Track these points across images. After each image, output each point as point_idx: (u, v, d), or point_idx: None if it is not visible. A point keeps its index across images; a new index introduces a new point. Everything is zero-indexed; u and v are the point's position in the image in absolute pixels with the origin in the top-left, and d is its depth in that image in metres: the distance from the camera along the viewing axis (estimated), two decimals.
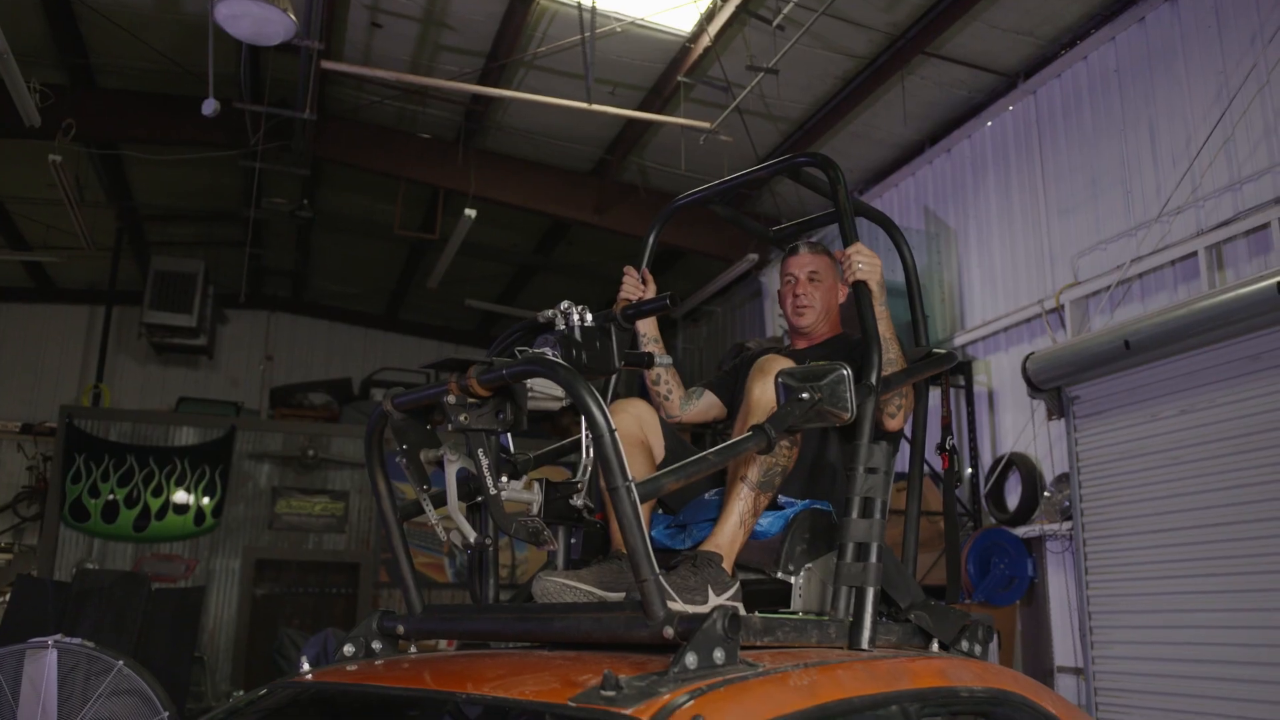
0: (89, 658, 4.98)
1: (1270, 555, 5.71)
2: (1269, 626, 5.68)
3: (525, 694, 1.66)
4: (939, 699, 1.99)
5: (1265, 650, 5.68)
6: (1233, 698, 5.81)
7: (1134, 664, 6.29)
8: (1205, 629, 6.02)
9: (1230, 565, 5.94)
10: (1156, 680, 6.12)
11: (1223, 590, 5.97)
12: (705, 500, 2.48)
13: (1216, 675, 5.92)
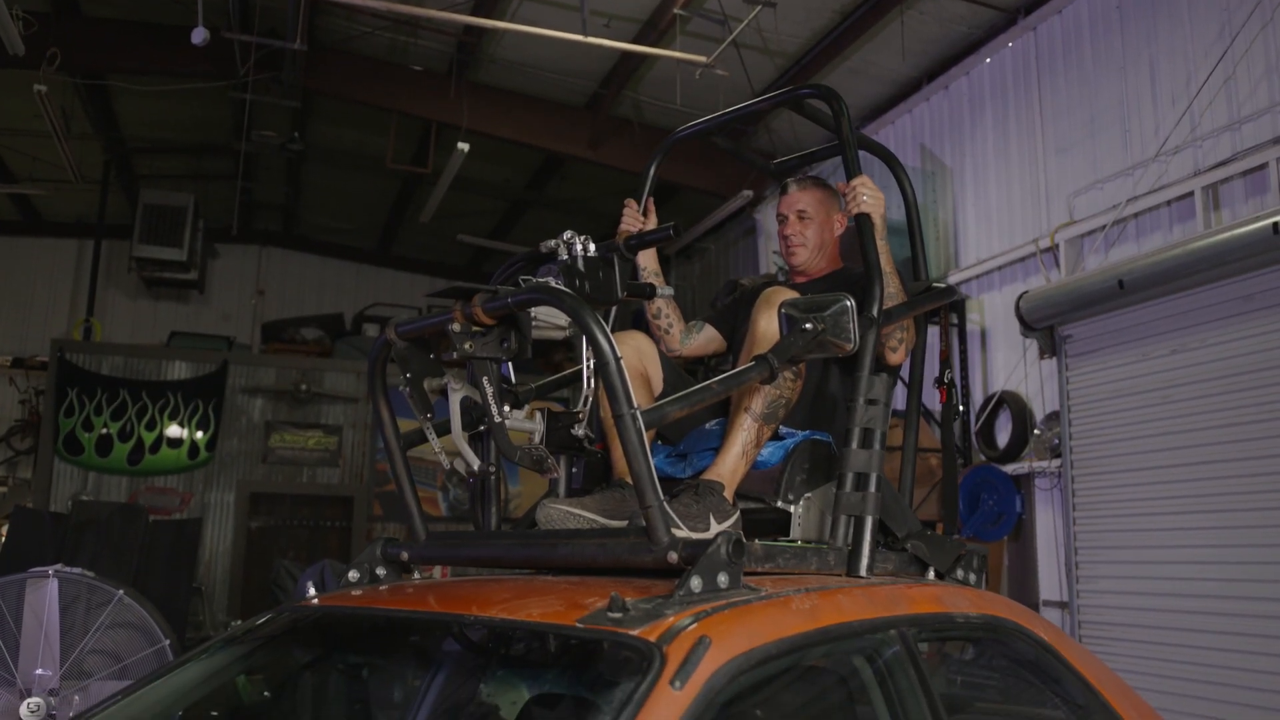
0: (89, 587, 5.02)
1: (1256, 493, 5.79)
2: (1251, 562, 5.78)
3: (533, 616, 1.69)
4: (936, 624, 2.04)
5: (1246, 585, 5.79)
6: (1213, 630, 5.94)
7: (1118, 598, 6.41)
8: (1189, 564, 6.12)
9: (1216, 503, 6.03)
10: (1139, 614, 6.24)
11: (1207, 527, 6.06)
12: (706, 430, 2.50)
13: (1198, 609, 6.04)
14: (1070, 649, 2.39)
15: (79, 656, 4.92)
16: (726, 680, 1.48)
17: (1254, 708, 5.40)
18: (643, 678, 1.42)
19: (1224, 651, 5.84)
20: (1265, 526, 5.72)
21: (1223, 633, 5.88)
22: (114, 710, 2.05)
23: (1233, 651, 5.80)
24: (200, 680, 2.16)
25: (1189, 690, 5.68)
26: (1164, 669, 5.90)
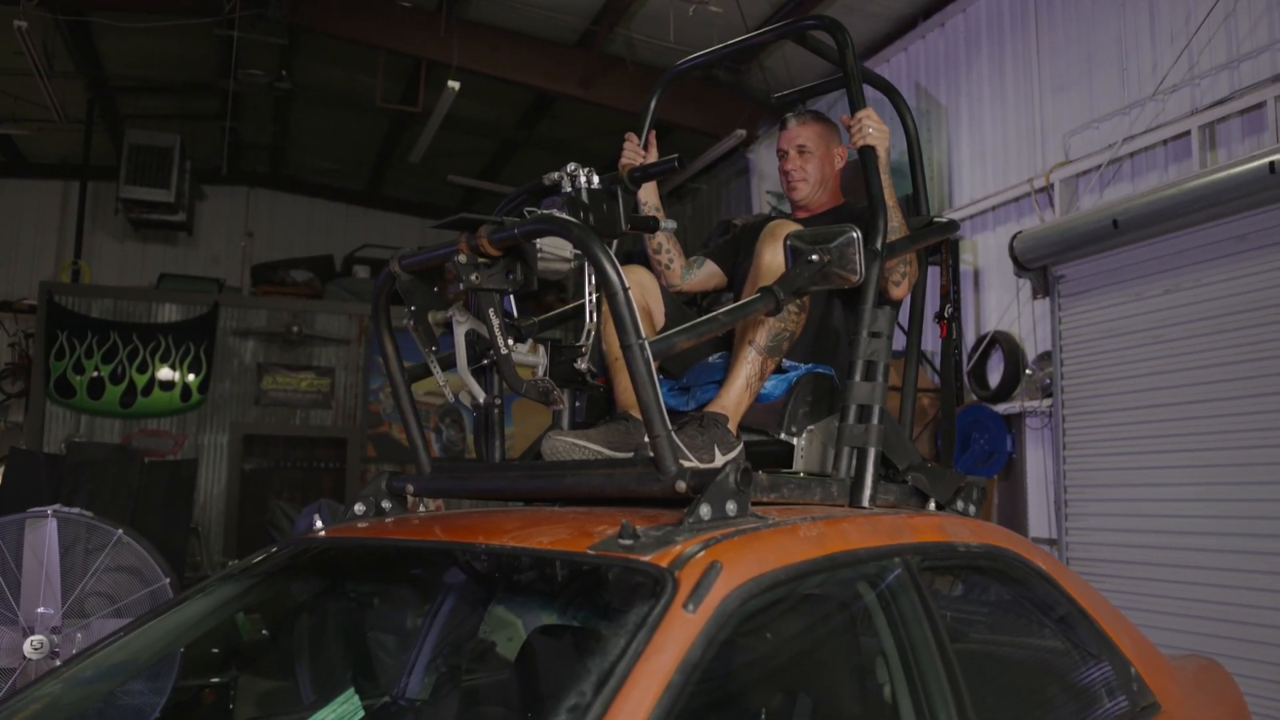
0: (88, 527, 5.04)
1: (1245, 431, 5.85)
2: (1238, 499, 5.85)
3: (544, 544, 1.70)
4: (938, 552, 2.07)
5: (1232, 521, 5.87)
6: (1198, 566, 6.03)
7: (1106, 535, 6.50)
8: (1176, 502, 6.20)
9: (1205, 441, 6.09)
10: (1126, 550, 6.34)
11: (1195, 465, 6.13)
12: (709, 363, 2.52)
13: (1184, 545, 6.13)
14: (1066, 577, 2.43)
15: (80, 595, 4.95)
16: (738, 604, 1.51)
17: (1237, 640, 5.52)
18: (656, 601, 1.44)
19: (1208, 586, 5.94)
20: (1253, 464, 5.79)
21: (1207, 568, 5.98)
22: (123, 643, 2.06)
23: (1217, 586, 5.90)
24: (211, 612, 2.18)
25: (1174, 624, 5.78)
26: (1150, 603, 6.00)
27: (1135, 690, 2.39)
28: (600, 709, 1.28)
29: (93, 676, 2.02)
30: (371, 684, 2.79)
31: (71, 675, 1.98)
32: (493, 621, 2.33)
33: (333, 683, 2.70)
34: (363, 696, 2.65)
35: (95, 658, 2.00)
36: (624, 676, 1.32)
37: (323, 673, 2.85)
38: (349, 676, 2.89)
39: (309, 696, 2.63)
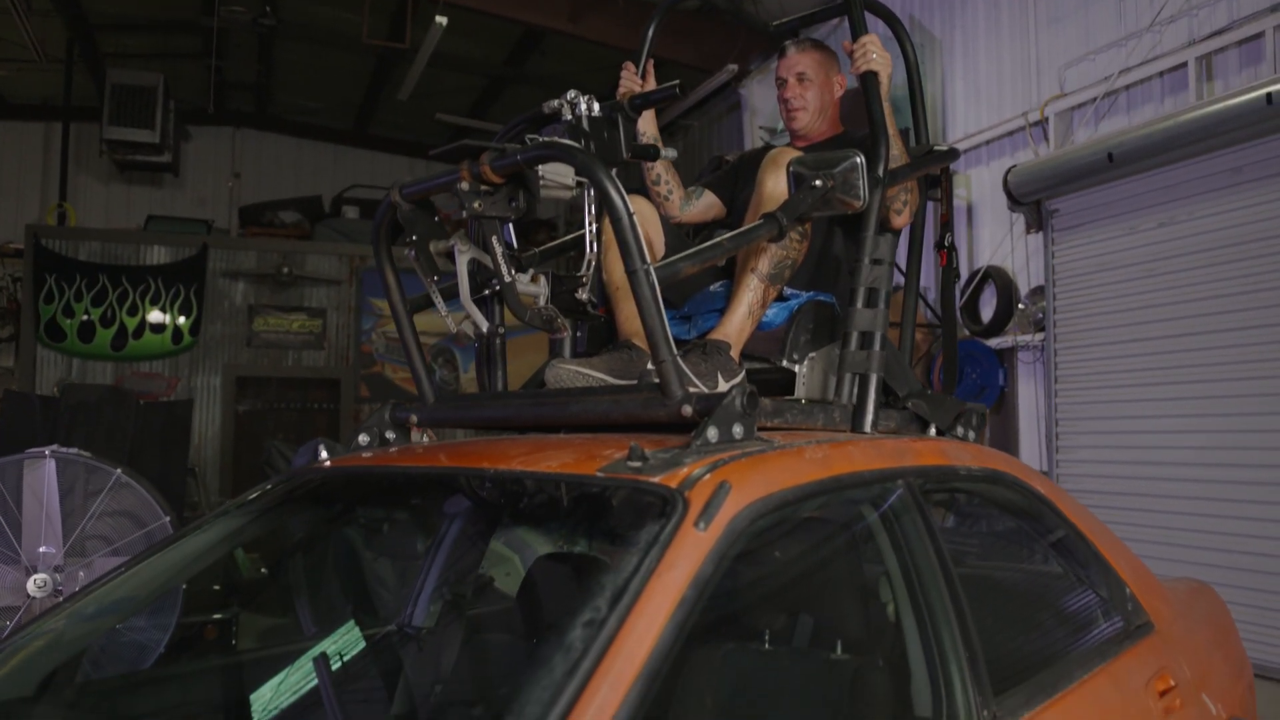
0: (87, 467, 5.05)
1: (1236, 364, 5.89)
2: (1227, 430, 5.92)
3: (552, 467, 1.72)
4: (940, 475, 2.09)
5: (1222, 453, 5.94)
6: (1187, 497, 6.12)
7: (1096, 467, 6.57)
8: (1166, 434, 6.27)
9: (1196, 374, 6.14)
10: (1117, 481, 6.41)
11: (1186, 398, 6.19)
12: (710, 292, 2.52)
13: (1174, 476, 6.21)
14: (1064, 501, 2.46)
15: (81, 534, 4.98)
16: (747, 523, 1.52)
17: (1225, 568, 5.61)
18: (667, 521, 1.46)
19: (1198, 515, 6.03)
20: (1243, 396, 5.85)
21: (1197, 498, 6.06)
22: (125, 578, 2.07)
23: (1206, 515, 5.99)
24: (217, 544, 2.19)
25: (1164, 553, 5.86)
26: (1141, 533, 6.08)
27: (1130, 610, 2.44)
28: (615, 623, 1.30)
29: (95, 612, 2.03)
30: (372, 617, 2.83)
31: (74, 611, 1.99)
32: (500, 546, 2.35)
33: (335, 615, 2.73)
34: (366, 628, 2.69)
35: (98, 593, 2.01)
36: (638, 592, 1.34)
37: (325, 606, 2.88)
38: (350, 609, 2.93)
39: (310, 630, 2.66)
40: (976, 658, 1.82)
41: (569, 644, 1.28)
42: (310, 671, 2.17)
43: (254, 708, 2.03)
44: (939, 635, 1.80)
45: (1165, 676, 2.33)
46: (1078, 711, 2.01)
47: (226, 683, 2.28)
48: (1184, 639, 2.55)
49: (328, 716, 2.01)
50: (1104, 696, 2.12)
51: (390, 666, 2.40)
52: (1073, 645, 2.25)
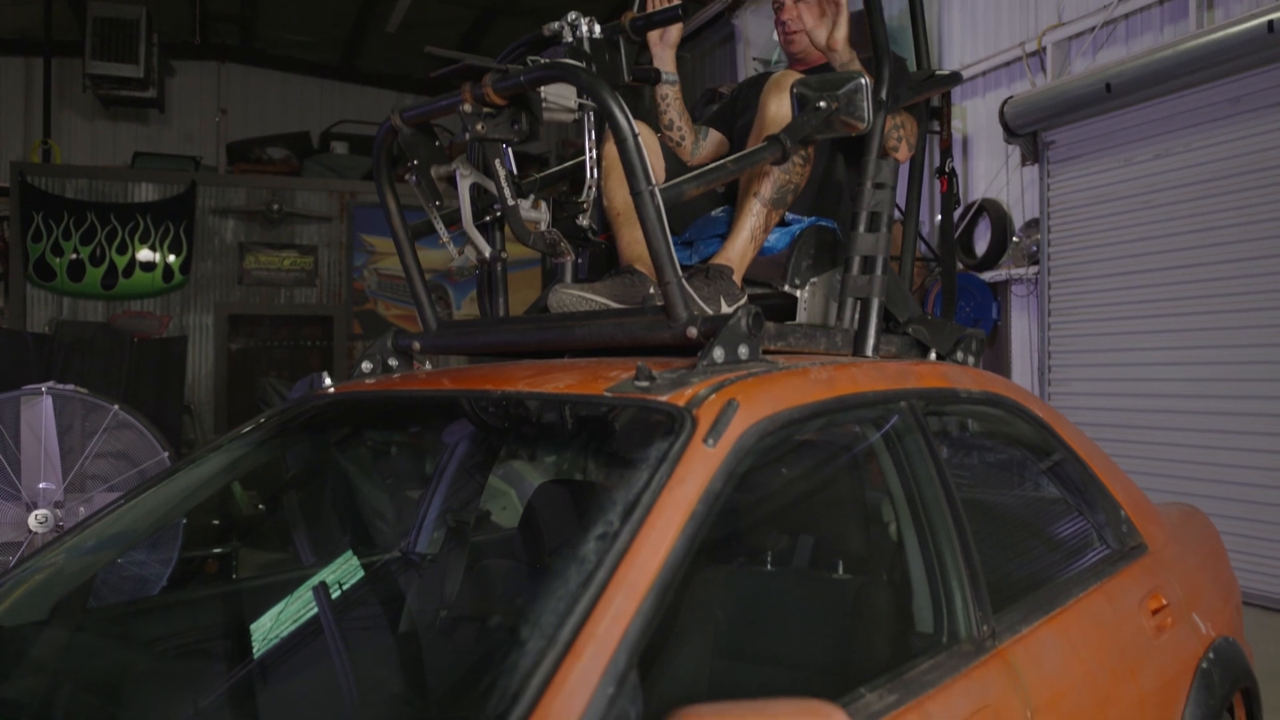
0: (84, 403, 5.05)
1: (1228, 295, 5.92)
2: (1219, 362, 5.96)
3: (559, 388, 1.72)
4: (942, 397, 2.11)
5: (1212, 384, 5.99)
6: (1178, 428, 6.18)
7: (1088, 399, 6.63)
8: (1158, 365, 6.31)
9: (1189, 306, 6.17)
10: (1108, 414, 6.47)
11: (1179, 329, 6.22)
12: (712, 217, 2.51)
13: (1165, 408, 6.27)
14: (1062, 424, 2.49)
15: (80, 470, 4.99)
16: (754, 440, 1.54)
17: (1214, 497, 5.69)
18: (676, 438, 1.47)
19: (1188, 447, 6.10)
20: (1234, 328, 5.88)
21: (1186, 429, 6.13)
22: (123, 511, 2.07)
23: (1196, 446, 6.06)
24: (220, 473, 2.19)
25: (1154, 484, 5.94)
26: (1132, 464, 6.15)
27: (1124, 532, 2.48)
28: (628, 536, 1.32)
29: (97, 544, 2.04)
30: (373, 548, 2.86)
31: (76, 544, 2.00)
32: (509, 466, 2.37)
33: (335, 547, 2.75)
34: (368, 558, 2.72)
35: (99, 525, 2.02)
36: (649, 506, 1.36)
37: (324, 539, 2.90)
38: (350, 541, 2.96)
39: (309, 560, 2.69)
40: (976, 575, 1.85)
41: (582, 556, 1.30)
42: (316, 597, 2.20)
43: (260, 632, 2.05)
44: (940, 552, 1.83)
45: (1158, 596, 2.38)
46: (1074, 627, 2.05)
47: (233, 608, 2.31)
48: (1176, 561, 2.60)
49: (334, 640, 2.04)
50: (1099, 613, 2.16)
51: (396, 592, 2.43)
52: (1069, 565, 2.29)
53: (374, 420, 2.33)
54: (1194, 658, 2.40)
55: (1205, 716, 2.33)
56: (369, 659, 2.02)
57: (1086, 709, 1.95)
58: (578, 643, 1.20)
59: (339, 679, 1.84)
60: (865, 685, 1.55)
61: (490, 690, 1.16)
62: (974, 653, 1.76)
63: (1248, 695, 2.71)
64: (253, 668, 1.84)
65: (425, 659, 2.05)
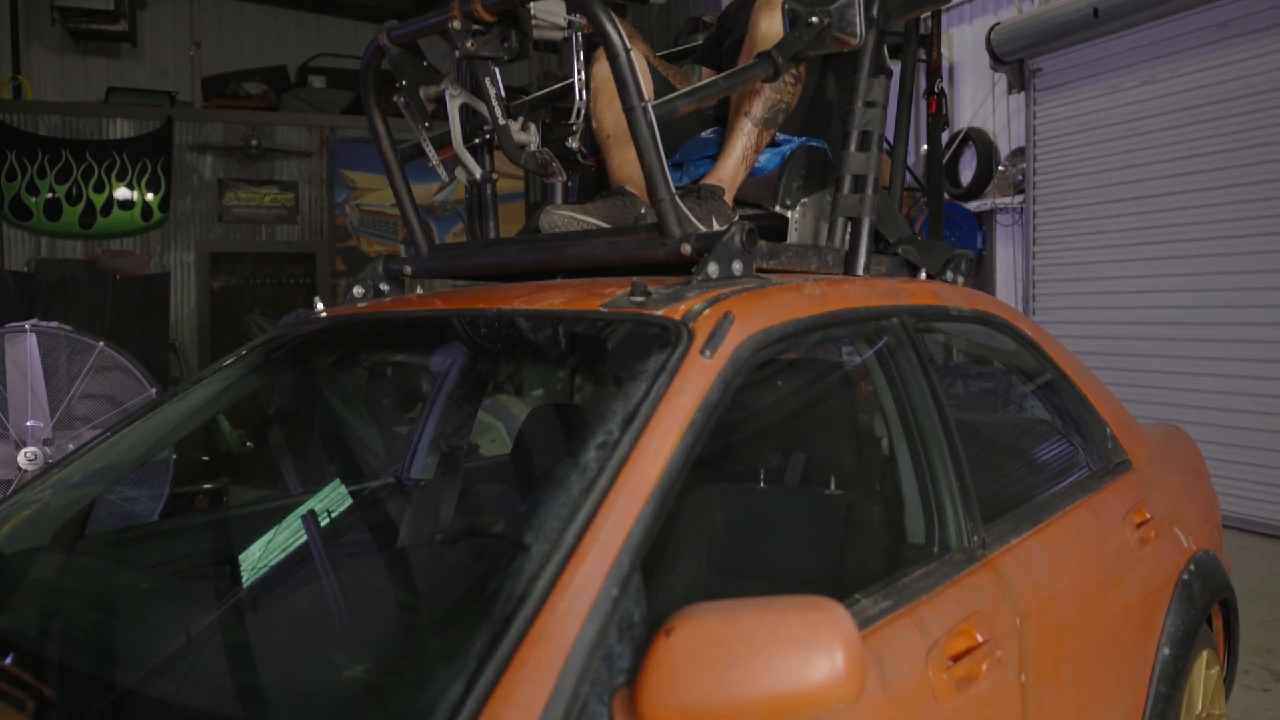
0: (68, 340, 5.01)
1: (1214, 223, 5.94)
2: (1201, 290, 6.01)
3: (555, 305, 1.73)
4: (933, 314, 2.12)
5: (1195, 311, 6.05)
6: (1161, 355, 6.24)
7: (1073, 328, 6.68)
8: (1143, 294, 6.36)
9: (1173, 234, 6.19)
10: (1093, 342, 6.53)
11: (1162, 258, 6.26)
12: (702, 138, 2.50)
13: (1148, 336, 6.33)
14: (1050, 343, 2.52)
15: (68, 407, 4.98)
16: (750, 353, 1.55)
17: (1193, 424, 5.78)
18: (674, 350, 1.48)
19: (1169, 374, 6.17)
20: (1218, 255, 5.92)
21: (1169, 356, 6.20)
22: (118, 439, 2.07)
23: (1177, 374, 6.13)
24: (212, 400, 2.19)
25: (1136, 411, 6.03)
26: (1114, 392, 6.25)
27: (1110, 449, 2.52)
28: (628, 444, 1.33)
29: (86, 477, 2.05)
30: (363, 475, 2.87)
31: (68, 474, 2.00)
32: (505, 383, 2.38)
33: (325, 479, 2.76)
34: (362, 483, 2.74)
35: (87, 457, 2.02)
36: (649, 415, 1.37)
37: (314, 472, 2.92)
38: (339, 472, 2.97)
39: (302, 489, 2.70)
40: (967, 487, 1.88)
41: (584, 464, 1.31)
42: (314, 520, 2.22)
43: (262, 553, 2.07)
44: (932, 465, 1.86)
45: (1141, 510, 2.43)
46: (1061, 539, 2.09)
47: (233, 531, 2.32)
48: (1159, 477, 2.65)
49: (335, 560, 2.07)
50: (1085, 526, 2.21)
51: (392, 516, 2.45)
52: (1056, 480, 2.33)
53: (367, 343, 2.33)
54: (1175, 569, 2.46)
55: (1186, 625, 2.39)
56: (371, 575, 2.05)
57: (1073, 616, 2.00)
58: (581, 546, 1.22)
59: (342, 595, 1.87)
60: (860, 592, 1.59)
61: (497, 593, 1.18)
62: (965, 562, 1.79)
63: (1226, 606, 2.78)
64: (256, 586, 1.87)
65: (428, 573, 2.08)
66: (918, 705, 1.55)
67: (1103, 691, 2.10)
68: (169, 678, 1.37)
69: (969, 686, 1.65)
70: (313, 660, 1.53)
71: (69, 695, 1.30)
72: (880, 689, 1.47)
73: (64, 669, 1.39)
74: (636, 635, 1.20)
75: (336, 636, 1.65)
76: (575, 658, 1.14)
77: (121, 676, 1.36)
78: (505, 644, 1.12)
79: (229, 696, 1.33)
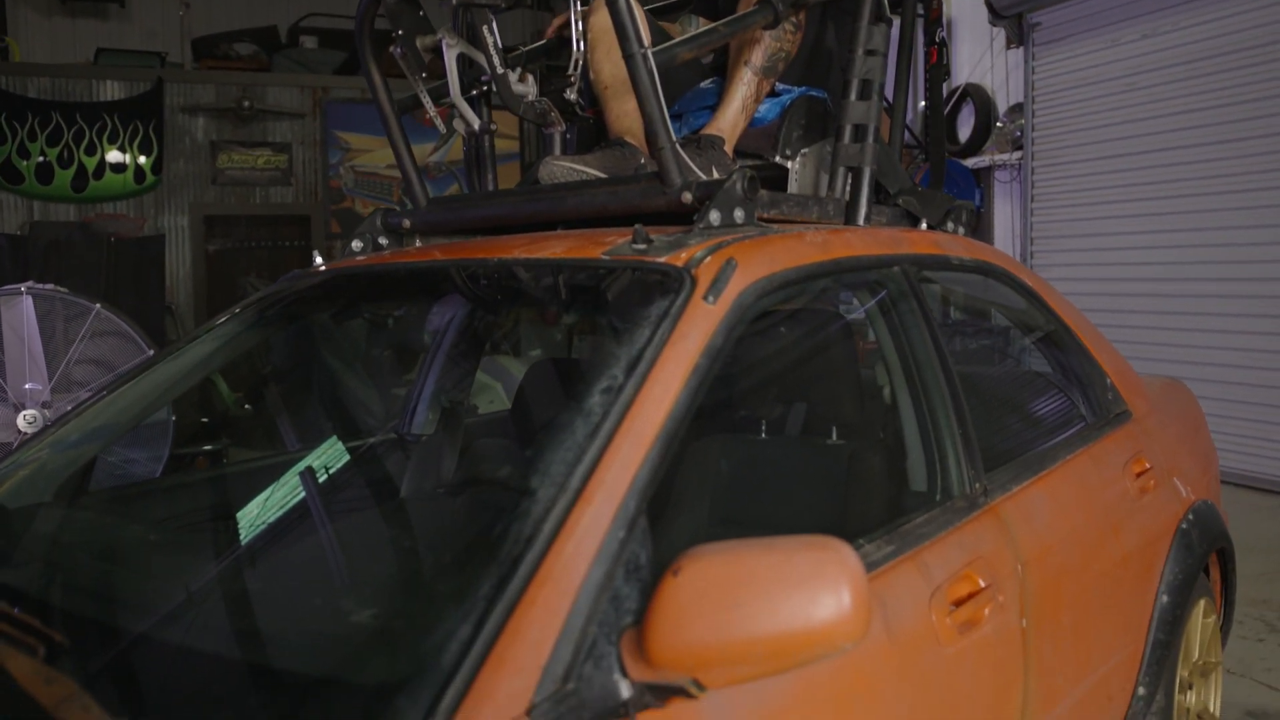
0: (65, 303, 4.99)
1: (1213, 178, 5.92)
2: (1199, 245, 6.00)
3: (557, 254, 1.72)
4: (934, 263, 2.12)
5: (1192, 267, 6.04)
6: (1158, 311, 6.24)
7: (1070, 284, 6.67)
8: (1141, 249, 6.35)
9: (1171, 189, 6.17)
10: (1090, 299, 6.52)
11: (1160, 213, 6.24)
12: (701, 89, 2.47)
13: (1145, 292, 6.32)
14: (1050, 294, 2.51)
15: (66, 369, 4.96)
16: (753, 299, 1.55)
17: (1190, 379, 5.78)
18: (677, 296, 1.48)
19: (1167, 330, 6.18)
20: (1218, 210, 5.90)
21: (1167, 313, 6.20)
22: (119, 395, 2.06)
23: (1174, 329, 6.14)
24: (219, 351, 2.18)
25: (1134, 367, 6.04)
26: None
27: (1110, 399, 2.52)
28: (633, 388, 1.33)
29: (92, 430, 2.04)
30: (364, 431, 2.87)
31: (68, 431, 1.99)
32: (508, 331, 2.37)
33: (328, 431, 2.76)
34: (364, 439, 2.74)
35: (89, 413, 2.01)
36: (653, 360, 1.37)
37: (313, 431, 2.91)
38: (342, 426, 2.96)
39: (302, 446, 2.70)
40: (969, 434, 1.88)
41: (589, 409, 1.31)
42: (317, 474, 2.22)
43: (266, 506, 2.08)
44: (934, 413, 1.86)
45: (1141, 460, 2.43)
46: (1062, 487, 2.10)
47: (237, 486, 2.33)
48: (1159, 428, 2.66)
49: (340, 512, 2.07)
50: (1085, 475, 2.22)
51: (395, 469, 2.46)
52: (1057, 429, 2.34)
53: (366, 296, 2.32)
54: (1174, 519, 2.47)
55: (1184, 574, 2.41)
56: (378, 525, 2.06)
57: (1073, 562, 2.01)
58: (588, 489, 1.22)
59: (350, 544, 1.88)
60: (863, 538, 1.59)
61: (504, 537, 1.18)
62: (967, 508, 1.80)
63: (1223, 556, 2.80)
64: (265, 536, 1.87)
65: (435, 521, 2.09)
66: (921, 649, 1.56)
67: (1102, 637, 2.12)
68: (181, 624, 1.37)
69: (971, 631, 1.66)
70: (324, 606, 1.54)
71: (79, 641, 1.31)
72: (884, 632, 1.48)
73: (73, 616, 1.39)
74: (643, 577, 1.21)
75: (347, 583, 1.66)
76: (583, 599, 1.14)
77: (133, 622, 1.37)
78: (513, 585, 1.12)
79: (243, 641, 1.34)
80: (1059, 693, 1.92)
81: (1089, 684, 2.06)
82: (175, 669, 1.26)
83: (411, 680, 1.06)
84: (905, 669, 1.52)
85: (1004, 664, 1.74)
